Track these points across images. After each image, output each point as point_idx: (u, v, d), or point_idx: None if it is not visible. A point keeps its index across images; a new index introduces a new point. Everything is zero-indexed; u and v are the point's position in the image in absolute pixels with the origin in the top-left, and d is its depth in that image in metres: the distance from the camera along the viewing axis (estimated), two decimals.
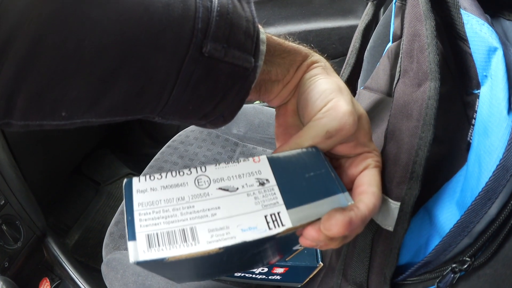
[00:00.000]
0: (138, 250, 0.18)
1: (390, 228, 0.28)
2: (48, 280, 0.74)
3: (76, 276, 0.73)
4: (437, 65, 0.28)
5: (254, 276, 0.39)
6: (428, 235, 0.28)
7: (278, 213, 0.20)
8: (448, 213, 0.28)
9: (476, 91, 0.30)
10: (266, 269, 0.37)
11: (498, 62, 0.25)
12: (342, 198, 0.22)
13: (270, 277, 0.39)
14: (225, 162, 0.23)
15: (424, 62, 0.29)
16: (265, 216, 0.20)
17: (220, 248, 0.18)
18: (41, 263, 0.76)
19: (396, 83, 0.33)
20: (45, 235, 0.76)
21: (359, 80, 0.75)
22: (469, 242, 0.24)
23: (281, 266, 0.37)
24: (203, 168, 0.22)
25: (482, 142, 0.26)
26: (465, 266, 0.23)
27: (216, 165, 0.22)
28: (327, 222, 0.19)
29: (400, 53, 0.33)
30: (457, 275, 0.24)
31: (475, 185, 0.24)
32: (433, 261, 0.26)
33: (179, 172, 0.21)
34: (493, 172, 0.22)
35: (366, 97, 0.54)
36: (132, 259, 0.17)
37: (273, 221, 0.20)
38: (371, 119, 0.49)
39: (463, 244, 0.24)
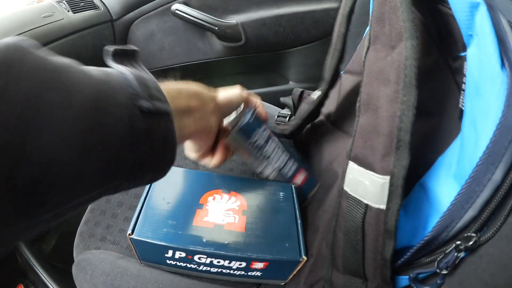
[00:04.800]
0: None
1: (382, 206, 0.25)
2: (23, 286, 0.72)
3: (49, 282, 0.69)
4: (413, 22, 0.26)
5: (231, 272, 0.35)
6: (426, 214, 0.25)
7: None
8: (445, 188, 0.25)
9: (463, 54, 0.27)
10: (244, 264, 0.34)
11: (482, 18, 0.23)
12: None
13: (249, 273, 0.35)
14: None
15: (398, 22, 0.26)
16: None
17: None
18: (15, 270, 0.73)
19: (366, 52, 0.30)
20: None
21: None
22: (474, 215, 0.21)
23: (260, 261, 0.33)
24: None
25: (476, 103, 0.23)
26: (471, 242, 0.20)
27: None
28: None
29: (369, 21, 0.30)
30: (461, 254, 0.21)
31: (473, 152, 0.22)
32: (434, 241, 0.23)
33: None
34: (494, 132, 0.20)
35: (349, 81, 0.52)
36: None
37: None
38: (354, 104, 0.46)
39: (467, 217, 0.21)
